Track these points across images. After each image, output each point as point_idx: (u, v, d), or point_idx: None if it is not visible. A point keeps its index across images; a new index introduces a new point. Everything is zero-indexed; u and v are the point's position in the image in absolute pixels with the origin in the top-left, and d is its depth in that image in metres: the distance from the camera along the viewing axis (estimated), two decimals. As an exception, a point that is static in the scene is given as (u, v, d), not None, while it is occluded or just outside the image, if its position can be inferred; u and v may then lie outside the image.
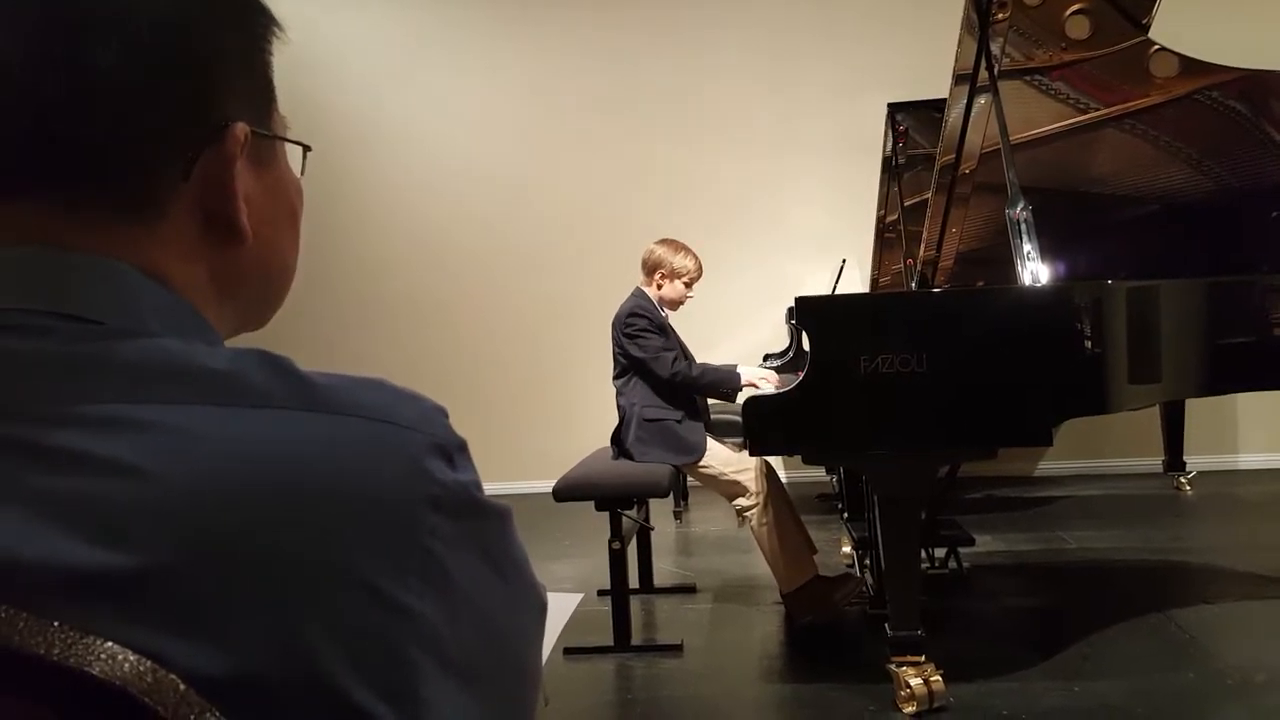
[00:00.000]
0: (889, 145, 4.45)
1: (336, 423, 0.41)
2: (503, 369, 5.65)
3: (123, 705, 0.34)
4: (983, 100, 2.71)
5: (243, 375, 0.41)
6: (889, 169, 4.50)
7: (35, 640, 0.34)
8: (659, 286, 3.25)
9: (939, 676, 2.25)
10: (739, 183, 5.53)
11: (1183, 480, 4.63)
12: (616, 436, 3.17)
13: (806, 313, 2.32)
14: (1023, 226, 2.43)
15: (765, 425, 2.28)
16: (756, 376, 3.20)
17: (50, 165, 0.45)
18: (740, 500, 3.01)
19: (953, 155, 2.87)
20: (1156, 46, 2.81)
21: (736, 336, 5.35)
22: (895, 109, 4.39)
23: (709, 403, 3.32)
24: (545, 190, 5.65)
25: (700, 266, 3.29)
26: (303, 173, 0.57)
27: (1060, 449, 4.83)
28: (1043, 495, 4.81)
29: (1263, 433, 5.21)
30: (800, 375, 2.26)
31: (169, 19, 0.46)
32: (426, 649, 0.39)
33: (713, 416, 3.34)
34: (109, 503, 0.36)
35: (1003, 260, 2.56)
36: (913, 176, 4.31)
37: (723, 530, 4.33)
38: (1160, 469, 4.67)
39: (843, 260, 4.90)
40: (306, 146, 0.57)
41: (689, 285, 3.28)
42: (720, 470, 3.03)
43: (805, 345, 2.66)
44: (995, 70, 2.63)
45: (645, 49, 5.57)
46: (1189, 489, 4.62)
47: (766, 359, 4.70)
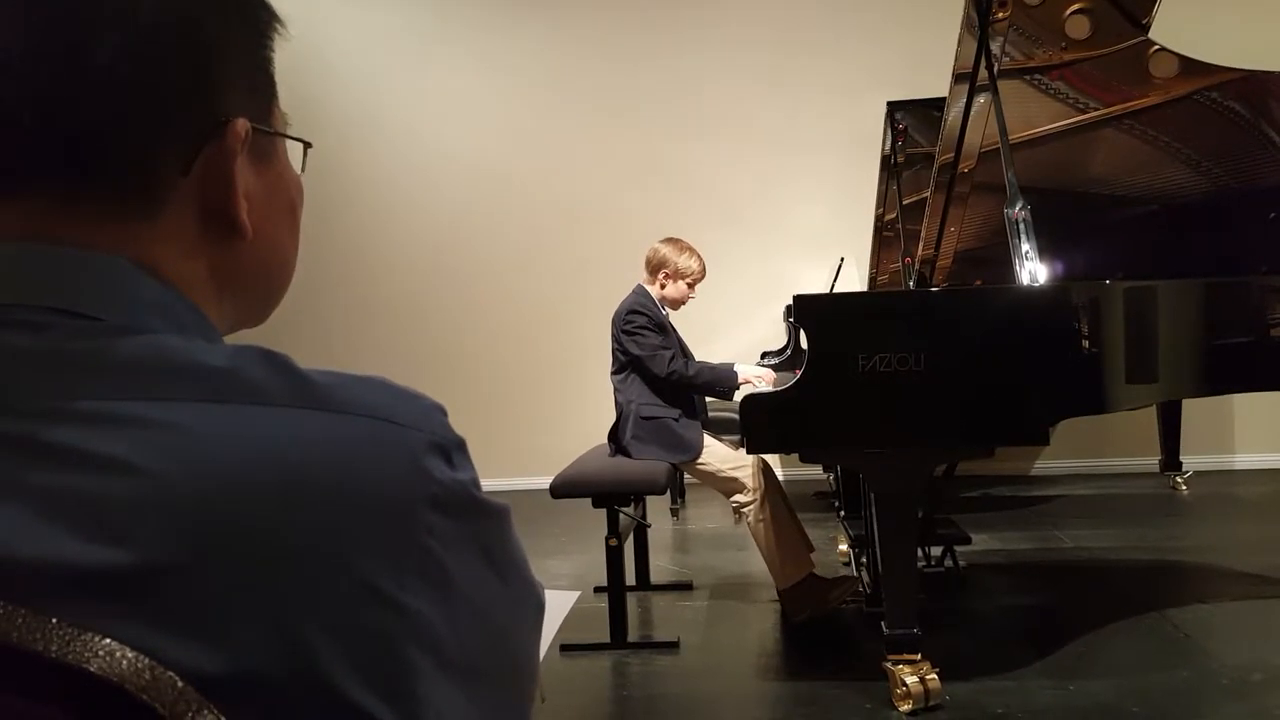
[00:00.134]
0: (888, 144, 4.44)
1: (336, 421, 0.40)
2: (501, 366, 5.65)
3: (120, 702, 0.34)
4: (982, 99, 2.71)
5: (242, 372, 0.41)
6: (888, 167, 4.50)
7: (33, 637, 0.34)
8: (662, 286, 3.25)
9: (935, 675, 2.26)
10: (737, 180, 5.53)
11: (1179, 480, 4.65)
12: (614, 433, 3.16)
13: (804, 311, 2.32)
14: (1021, 226, 2.43)
15: (762, 423, 2.28)
16: (753, 375, 3.21)
17: (50, 160, 0.44)
18: (738, 497, 3.01)
19: (952, 154, 2.87)
20: (1156, 46, 2.81)
21: (734, 334, 5.35)
22: (895, 107, 4.38)
23: (706, 400, 3.33)
24: (544, 188, 5.65)
25: (704, 267, 3.28)
26: (303, 170, 0.57)
27: (1057, 448, 4.84)
28: (1039, 494, 4.81)
29: (1259, 433, 5.22)
30: (798, 373, 2.27)
31: (171, 14, 0.45)
32: (425, 648, 0.39)
33: (710, 414, 3.34)
34: (107, 500, 0.36)
35: (1001, 260, 2.56)
36: (912, 175, 4.30)
37: (719, 527, 4.33)
38: (1157, 469, 4.67)
39: (841, 258, 4.89)
40: (307, 143, 0.57)
41: (692, 286, 3.27)
42: (718, 467, 3.03)
43: (803, 343, 2.66)
44: (995, 69, 2.63)
45: (645, 47, 5.57)
46: (1185, 489, 4.63)
47: (764, 357, 4.70)
